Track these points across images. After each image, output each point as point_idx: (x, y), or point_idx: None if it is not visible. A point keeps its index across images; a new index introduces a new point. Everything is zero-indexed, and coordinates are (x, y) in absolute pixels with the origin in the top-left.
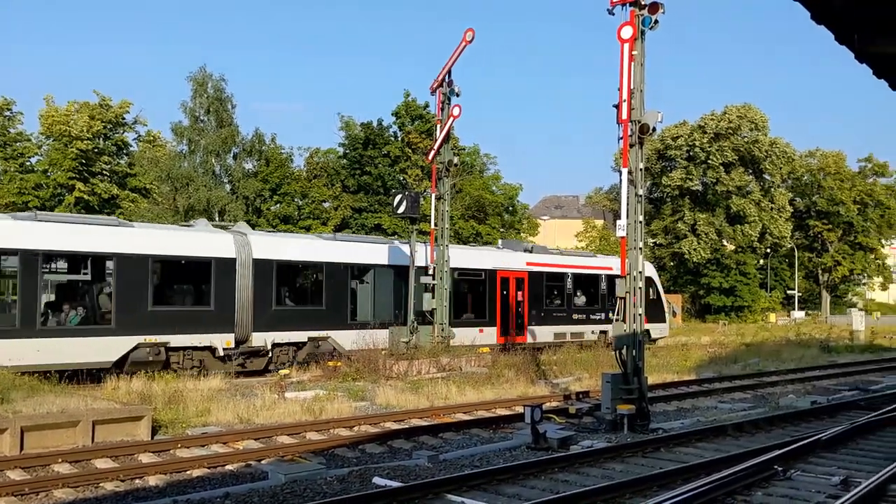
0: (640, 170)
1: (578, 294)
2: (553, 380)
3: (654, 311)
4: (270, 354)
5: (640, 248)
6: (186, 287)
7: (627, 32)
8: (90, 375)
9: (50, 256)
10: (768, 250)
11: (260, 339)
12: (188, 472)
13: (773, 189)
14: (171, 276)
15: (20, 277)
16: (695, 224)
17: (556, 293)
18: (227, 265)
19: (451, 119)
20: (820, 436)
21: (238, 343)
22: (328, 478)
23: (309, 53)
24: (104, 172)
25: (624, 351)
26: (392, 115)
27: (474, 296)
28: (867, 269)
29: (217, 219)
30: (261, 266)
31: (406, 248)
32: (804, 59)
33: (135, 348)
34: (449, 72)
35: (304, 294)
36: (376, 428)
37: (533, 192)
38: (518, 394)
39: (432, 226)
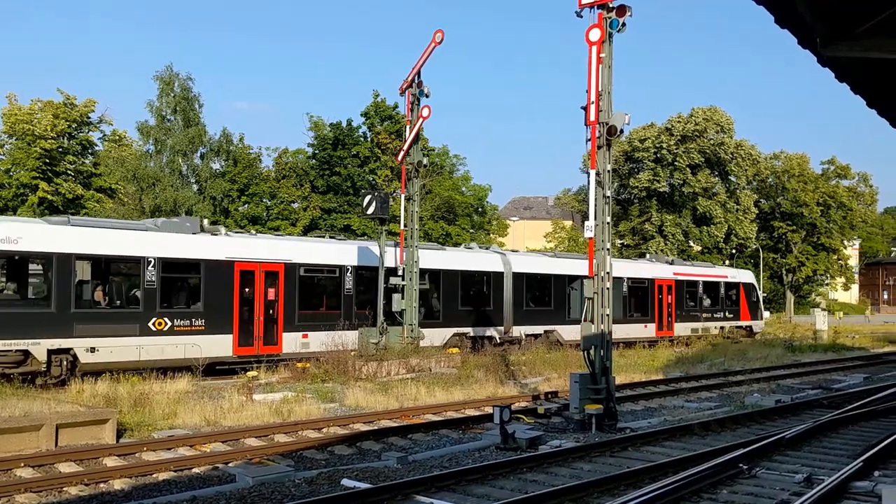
0: (608, 171)
1: (705, 297)
2: (522, 380)
3: (755, 311)
4: (522, 342)
5: (608, 249)
6: (475, 293)
7: (595, 35)
8: (54, 378)
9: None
10: (734, 251)
11: (517, 331)
12: (154, 476)
13: (738, 191)
14: (469, 285)
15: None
16: (662, 225)
17: (691, 297)
18: (499, 277)
19: (421, 120)
20: (784, 434)
21: (504, 333)
22: (297, 480)
23: (276, 52)
24: (69, 172)
25: (592, 351)
26: (361, 115)
27: (640, 299)
28: (830, 270)
29: None
30: (517, 277)
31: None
32: (770, 62)
33: (451, 336)
34: (418, 73)
35: (541, 298)
36: (345, 429)
37: (502, 193)
38: (487, 394)
39: (402, 227)
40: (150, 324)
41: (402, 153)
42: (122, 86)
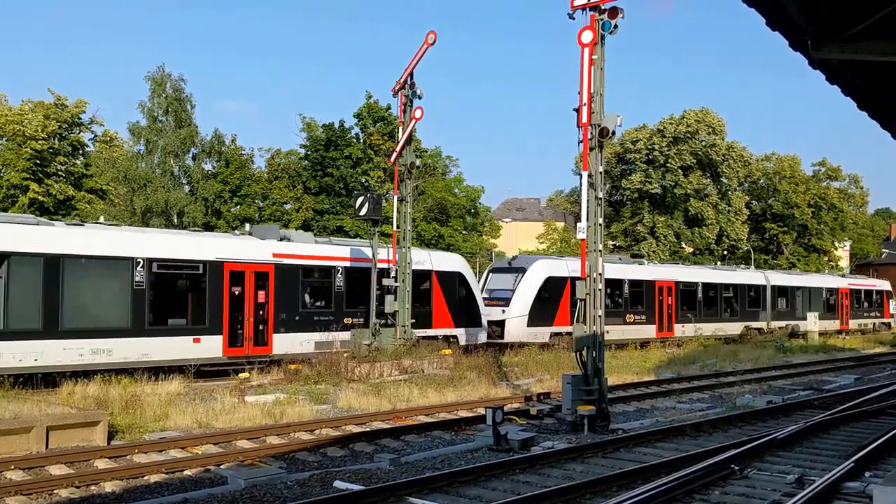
0: (600, 173)
1: (864, 301)
2: (515, 381)
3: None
4: (775, 332)
5: (600, 251)
6: (752, 299)
7: (587, 37)
8: (45, 380)
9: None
10: (725, 252)
11: (773, 326)
12: (145, 478)
13: (730, 192)
14: (751, 293)
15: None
16: (654, 226)
17: (857, 300)
18: (764, 288)
19: (413, 121)
20: (775, 435)
21: (766, 326)
22: (289, 482)
23: (266, 53)
24: (59, 173)
25: (584, 352)
26: (354, 116)
27: (831, 302)
28: (821, 271)
29: (176, 221)
30: (773, 289)
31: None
32: (761, 64)
33: (742, 328)
34: (411, 74)
35: (783, 302)
36: (338, 431)
37: (495, 194)
38: (480, 395)
39: (394, 228)
40: (625, 318)
41: (394, 154)
42: (113, 86)
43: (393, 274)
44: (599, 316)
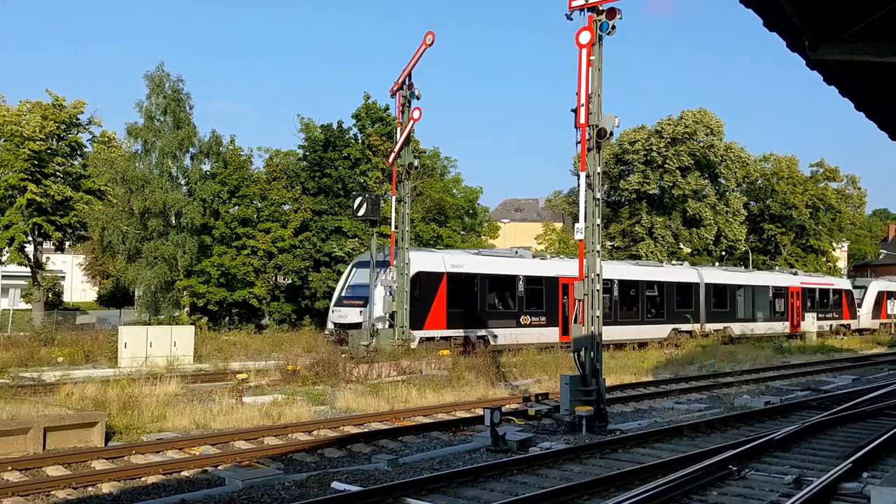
0: (598, 174)
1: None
2: (513, 382)
3: None
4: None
5: (598, 251)
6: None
7: (585, 37)
8: (42, 382)
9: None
10: (723, 253)
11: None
12: (143, 479)
13: (728, 193)
14: None
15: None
16: (652, 227)
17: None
18: None
19: (412, 122)
20: (773, 435)
21: None
22: (286, 483)
23: (263, 54)
24: (57, 174)
25: (582, 353)
26: (352, 117)
27: None
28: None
29: (174, 221)
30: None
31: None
32: (759, 65)
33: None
34: (409, 75)
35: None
36: (335, 432)
37: (493, 195)
38: (478, 396)
39: (393, 228)
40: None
41: (392, 155)
42: (112, 87)
43: (391, 275)
44: (597, 316)
